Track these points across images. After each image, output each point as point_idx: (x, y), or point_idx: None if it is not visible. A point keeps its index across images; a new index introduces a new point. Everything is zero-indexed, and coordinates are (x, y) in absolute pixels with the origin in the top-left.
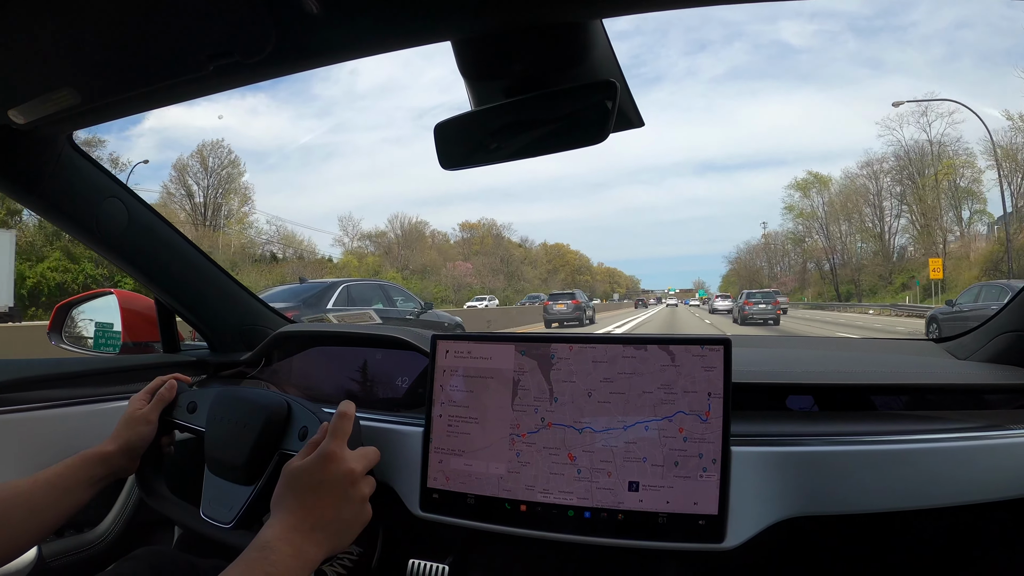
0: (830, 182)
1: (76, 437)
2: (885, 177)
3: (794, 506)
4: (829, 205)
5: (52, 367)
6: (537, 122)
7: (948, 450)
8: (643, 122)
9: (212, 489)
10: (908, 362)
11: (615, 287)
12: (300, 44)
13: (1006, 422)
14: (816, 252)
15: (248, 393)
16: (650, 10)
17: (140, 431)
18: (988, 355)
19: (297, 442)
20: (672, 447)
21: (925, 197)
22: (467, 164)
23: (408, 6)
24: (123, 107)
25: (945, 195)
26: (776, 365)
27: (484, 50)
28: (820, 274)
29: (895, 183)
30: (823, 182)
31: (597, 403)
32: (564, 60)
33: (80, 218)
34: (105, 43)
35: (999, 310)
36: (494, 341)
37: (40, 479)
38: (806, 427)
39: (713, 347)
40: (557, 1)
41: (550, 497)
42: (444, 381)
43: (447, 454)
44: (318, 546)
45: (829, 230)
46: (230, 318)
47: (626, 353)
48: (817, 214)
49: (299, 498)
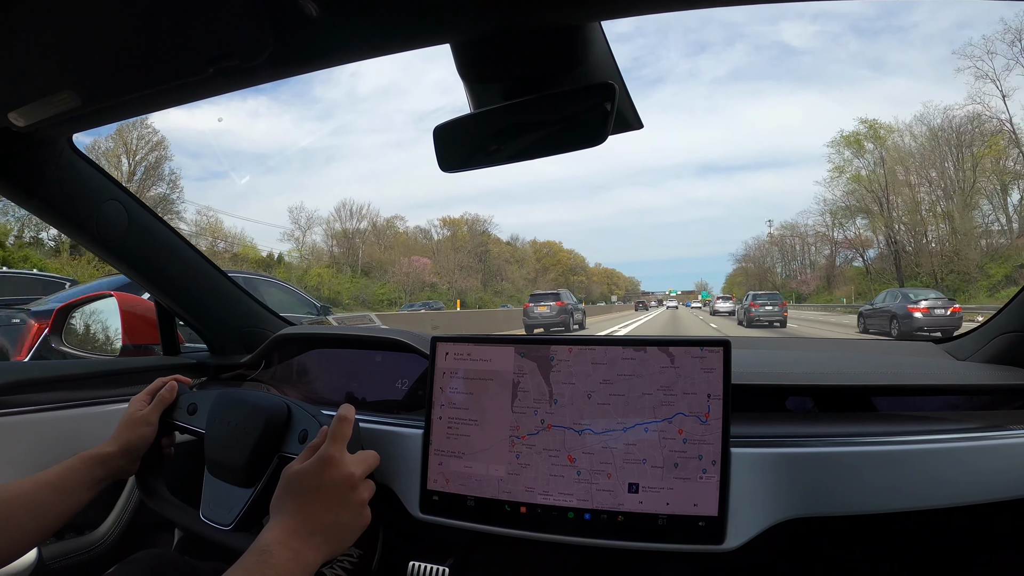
0: (891, 135)
1: (76, 439)
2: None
3: (794, 507)
4: (893, 168)
5: (52, 369)
6: (536, 124)
7: (948, 451)
8: (642, 124)
9: (212, 491)
10: (908, 363)
11: (613, 289)
12: (299, 47)
13: (1006, 423)
14: (860, 239)
15: (248, 396)
16: (648, 12)
17: (140, 432)
18: (988, 356)
19: (297, 445)
20: (672, 448)
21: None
22: (466, 167)
23: (407, 9)
24: (123, 110)
25: None
26: (776, 367)
27: (483, 53)
28: (865, 267)
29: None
30: (879, 134)
31: (597, 405)
32: (563, 63)
33: (80, 221)
34: (105, 46)
35: (998, 311)
36: (494, 343)
37: (41, 480)
38: (806, 428)
39: (712, 349)
40: (556, 4)
41: (550, 499)
42: (444, 383)
43: (447, 456)
44: (317, 549)
45: (889, 202)
46: (230, 320)
47: (625, 355)
48: (878, 181)
49: (298, 502)
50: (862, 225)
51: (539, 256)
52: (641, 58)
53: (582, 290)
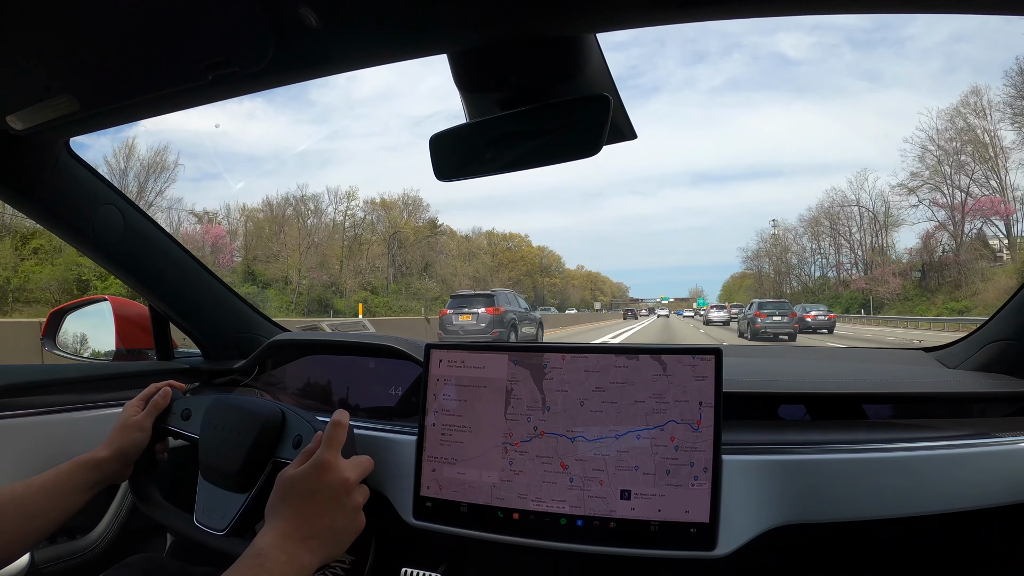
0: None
1: (70, 443)
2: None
3: (786, 514)
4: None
5: (46, 373)
6: (531, 134)
7: (938, 458)
8: (635, 135)
9: (206, 496)
10: (899, 371)
11: (597, 294)
12: (298, 55)
13: (995, 430)
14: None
15: (242, 401)
16: (644, 25)
17: (134, 437)
18: (977, 364)
19: (291, 450)
20: (664, 456)
21: None
22: (461, 175)
23: (406, 19)
24: (121, 114)
25: None
26: (768, 375)
27: (480, 63)
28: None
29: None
30: None
31: (589, 412)
32: (559, 73)
33: (76, 224)
34: (104, 51)
35: (988, 320)
36: (487, 351)
37: (35, 483)
38: (798, 436)
39: (704, 357)
40: (552, 16)
41: (542, 505)
42: (437, 390)
43: (440, 462)
44: (312, 554)
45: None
46: (224, 326)
47: (618, 363)
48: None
49: (293, 507)
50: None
51: (496, 251)
52: (638, 67)
53: (556, 295)
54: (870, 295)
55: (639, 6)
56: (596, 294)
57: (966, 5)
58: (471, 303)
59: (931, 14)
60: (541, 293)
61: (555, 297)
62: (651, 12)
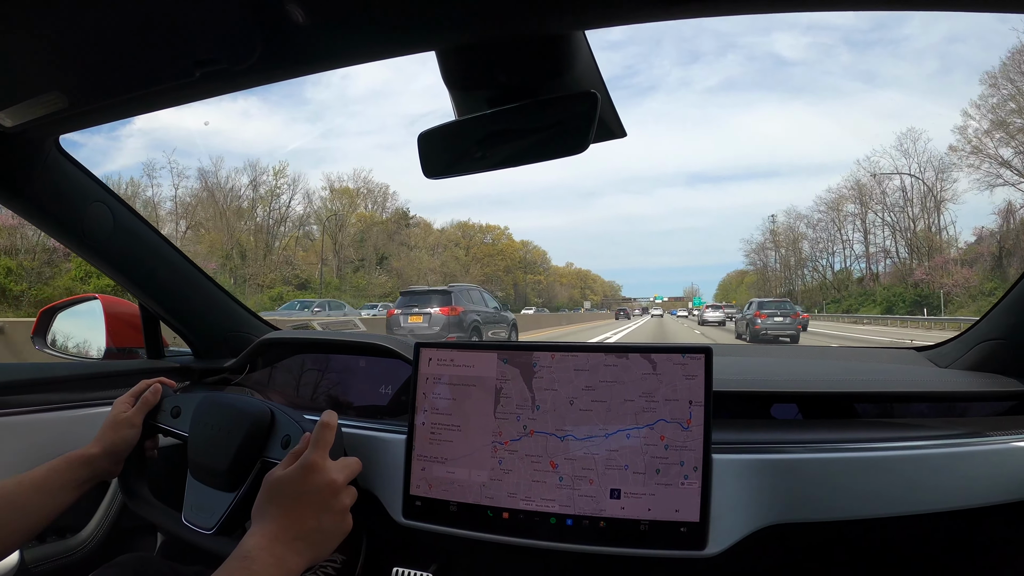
0: None
1: (60, 441)
2: None
3: (777, 513)
4: None
5: (36, 371)
6: (520, 132)
7: (929, 457)
8: (625, 132)
9: (194, 495)
10: (891, 371)
11: (588, 293)
12: (286, 52)
13: (986, 429)
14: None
15: (232, 400)
16: (632, 22)
17: (124, 434)
18: (969, 363)
19: (279, 450)
20: (654, 455)
21: None
22: (450, 173)
23: (393, 16)
24: (110, 112)
25: None
26: (761, 374)
27: (468, 60)
28: None
29: None
30: None
31: (579, 411)
32: (547, 71)
33: (66, 222)
34: (93, 48)
35: (979, 320)
36: (477, 349)
37: (25, 481)
38: (790, 435)
39: (694, 356)
40: (541, 13)
41: (532, 504)
42: (427, 389)
43: (430, 462)
44: (299, 555)
45: None
46: (215, 324)
47: (608, 362)
48: None
49: (281, 508)
50: None
51: (469, 244)
52: (634, 66)
53: (540, 293)
54: (935, 289)
55: (627, 2)
56: (587, 293)
57: (963, 3)
58: (423, 301)
59: (929, 11)
60: (523, 291)
61: (539, 296)
62: (638, 9)
